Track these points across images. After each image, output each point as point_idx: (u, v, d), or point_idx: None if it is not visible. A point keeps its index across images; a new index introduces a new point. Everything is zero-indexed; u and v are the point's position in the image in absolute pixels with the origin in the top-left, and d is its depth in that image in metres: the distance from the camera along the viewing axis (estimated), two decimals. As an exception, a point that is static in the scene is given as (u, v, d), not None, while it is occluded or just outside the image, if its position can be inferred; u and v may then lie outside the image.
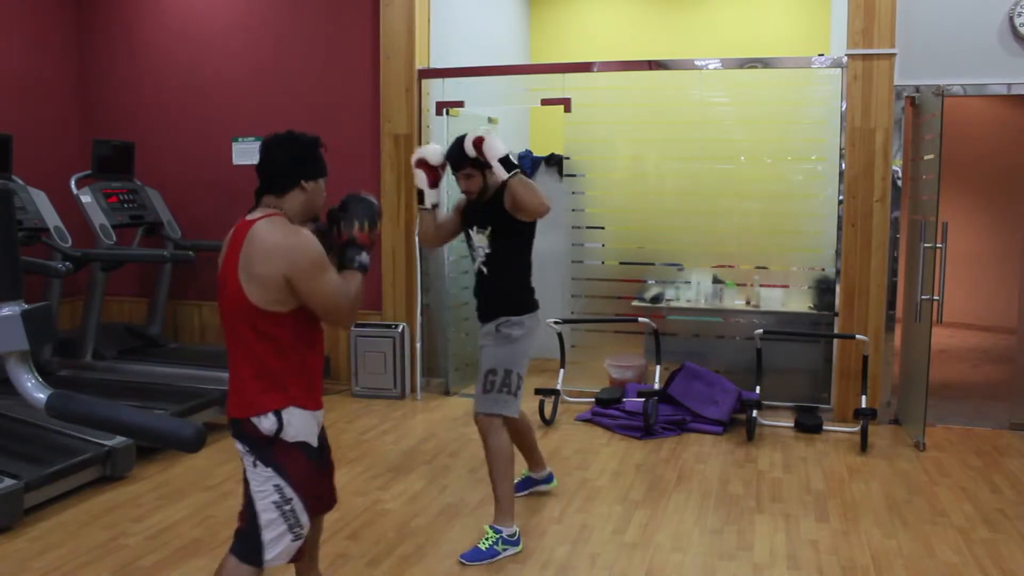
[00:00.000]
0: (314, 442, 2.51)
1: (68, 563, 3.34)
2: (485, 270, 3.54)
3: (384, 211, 5.95)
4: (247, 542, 2.46)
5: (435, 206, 3.58)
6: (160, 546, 3.50)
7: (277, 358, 2.42)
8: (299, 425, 2.45)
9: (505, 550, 3.41)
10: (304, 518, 2.48)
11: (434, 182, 3.52)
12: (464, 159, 3.42)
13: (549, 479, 4.10)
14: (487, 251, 3.52)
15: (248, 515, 2.46)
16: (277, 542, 2.45)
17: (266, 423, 2.41)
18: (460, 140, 3.42)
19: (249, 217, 2.46)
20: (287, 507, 2.44)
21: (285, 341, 2.43)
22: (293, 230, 2.41)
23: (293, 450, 2.45)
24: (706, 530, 3.70)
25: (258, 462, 2.44)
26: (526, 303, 3.57)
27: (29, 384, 1.90)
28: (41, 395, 1.89)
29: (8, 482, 3.63)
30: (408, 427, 5.23)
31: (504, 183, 3.36)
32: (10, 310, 1.86)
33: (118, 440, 4.18)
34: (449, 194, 5.28)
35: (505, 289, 3.54)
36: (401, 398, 5.86)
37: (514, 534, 3.46)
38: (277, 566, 2.50)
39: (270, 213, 2.45)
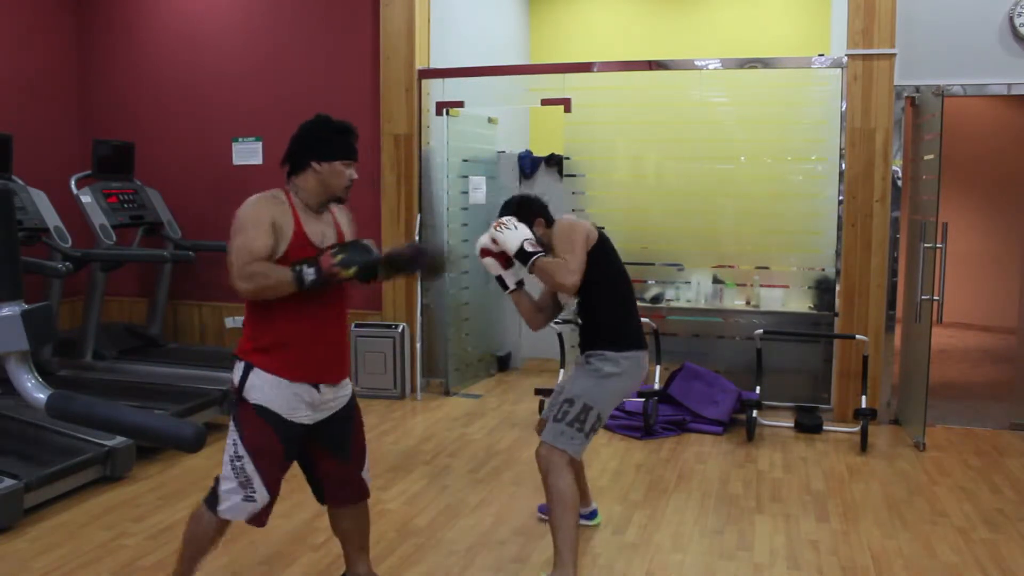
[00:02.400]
0: (283, 413, 2.56)
1: (68, 563, 3.34)
2: (580, 320, 3.33)
3: (384, 210, 5.96)
4: (213, 488, 2.67)
5: (520, 284, 3.31)
6: (160, 546, 3.50)
7: (260, 321, 2.58)
8: (263, 389, 2.54)
9: None
10: (257, 483, 2.57)
11: (506, 263, 3.27)
12: (509, 213, 3.31)
13: (592, 516, 3.73)
14: (573, 306, 3.36)
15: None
16: (229, 496, 2.60)
17: (237, 371, 2.58)
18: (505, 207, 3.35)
19: None
20: (238, 463, 2.58)
21: (267, 308, 2.55)
22: (250, 201, 2.56)
23: (253, 412, 2.55)
24: (706, 530, 3.70)
25: (233, 412, 2.61)
26: (623, 340, 3.23)
27: (29, 384, 1.90)
28: (41, 395, 1.89)
29: (8, 482, 3.62)
30: (408, 427, 5.23)
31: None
32: (10, 310, 1.86)
33: (118, 440, 4.18)
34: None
35: (597, 325, 3.26)
36: (401, 398, 5.86)
37: None
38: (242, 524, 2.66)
39: (273, 189, 2.63)
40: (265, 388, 2.55)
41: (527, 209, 3.33)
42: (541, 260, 3.14)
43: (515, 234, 3.18)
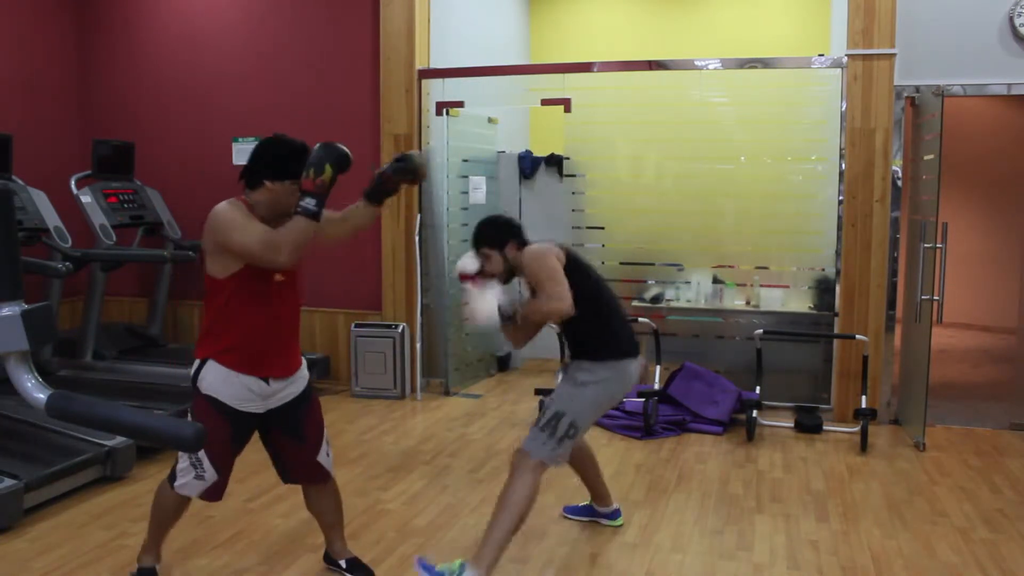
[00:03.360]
0: (231, 403, 2.81)
1: (68, 563, 3.34)
2: (563, 334, 3.39)
3: (384, 211, 5.96)
4: (172, 466, 2.94)
5: (508, 318, 3.24)
6: (160, 546, 3.50)
7: (216, 318, 2.81)
8: (213, 380, 2.80)
9: None
10: (206, 463, 2.84)
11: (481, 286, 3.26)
12: (479, 240, 3.28)
13: (614, 516, 3.73)
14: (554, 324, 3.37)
15: None
16: (184, 473, 2.89)
17: (194, 367, 2.85)
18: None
19: None
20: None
21: (222, 305, 2.79)
22: (222, 207, 2.75)
23: (203, 400, 2.82)
24: (706, 530, 3.70)
25: (191, 402, 2.89)
26: (603, 351, 3.24)
27: (29, 384, 1.89)
28: (41, 395, 1.89)
29: (8, 482, 3.62)
30: (408, 427, 5.23)
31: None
32: (10, 310, 1.85)
33: (118, 440, 4.18)
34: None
35: (579, 338, 3.30)
36: (401, 398, 5.86)
37: None
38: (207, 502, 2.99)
39: (232, 198, 2.82)
40: (216, 381, 2.80)
41: (498, 235, 3.28)
42: (526, 310, 3.19)
43: (485, 305, 3.18)
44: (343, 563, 3.24)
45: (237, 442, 2.90)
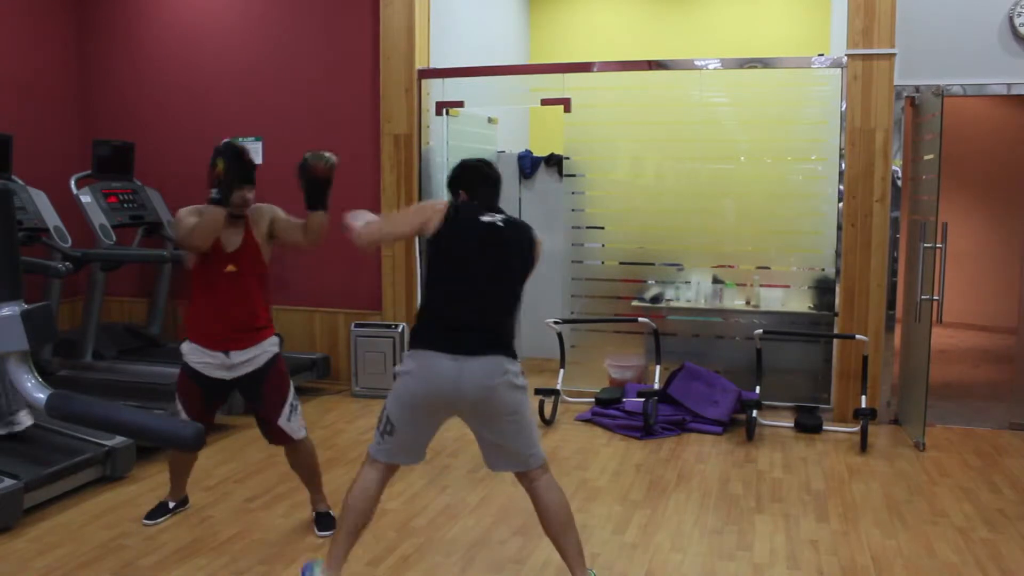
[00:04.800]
0: (200, 370, 3.46)
1: (68, 563, 3.34)
2: None
3: (384, 210, 5.95)
4: None
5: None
6: (160, 546, 3.50)
7: (189, 308, 3.55)
8: (187, 351, 3.49)
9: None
10: (184, 414, 3.51)
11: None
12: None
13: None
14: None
15: None
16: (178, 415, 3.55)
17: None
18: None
19: None
20: (175, 402, 3.58)
21: (191, 292, 3.50)
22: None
23: (183, 368, 3.51)
24: (706, 530, 3.70)
25: None
26: (416, 337, 2.92)
27: (29, 384, 1.89)
28: (41, 395, 1.89)
29: (8, 482, 3.62)
30: (408, 427, 5.22)
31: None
32: (10, 310, 1.86)
33: (118, 440, 4.18)
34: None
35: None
36: (401, 398, 5.85)
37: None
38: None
39: None
40: (189, 353, 3.48)
41: (451, 182, 3.11)
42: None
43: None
44: (313, 514, 3.70)
45: (208, 401, 3.56)
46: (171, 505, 3.80)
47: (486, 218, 2.93)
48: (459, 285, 2.89)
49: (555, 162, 6.66)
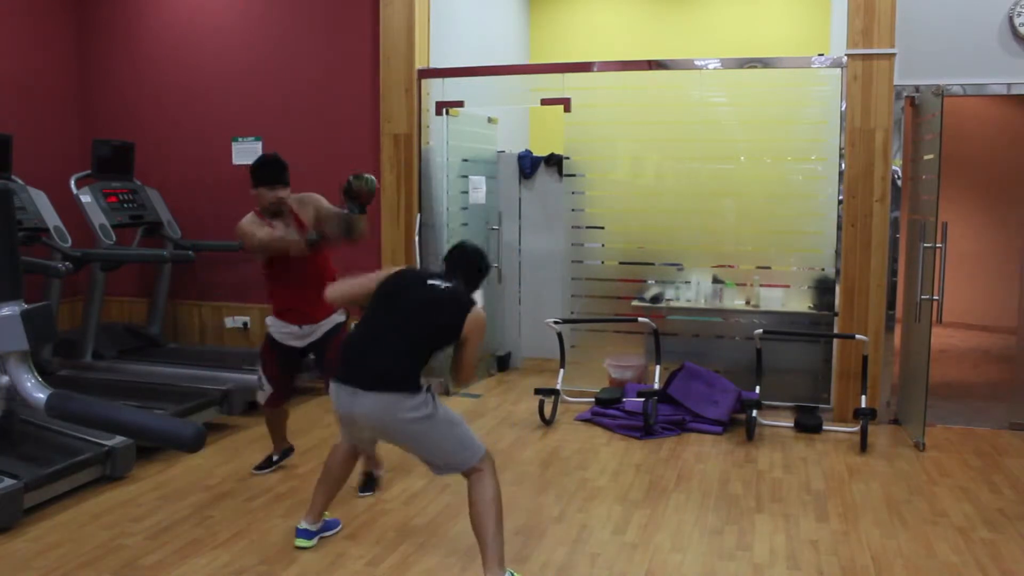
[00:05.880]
0: (278, 339, 4.09)
1: (68, 563, 3.34)
2: None
3: (384, 210, 5.96)
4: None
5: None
6: (160, 546, 3.50)
7: (269, 290, 4.12)
8: (270, 325, 4.11)
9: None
10: (264, 381, 4.14)
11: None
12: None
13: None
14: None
15: None
16: (260, 383, 4.19)
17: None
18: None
19: None
20: (258, 365, 4.21)
21: (269, 279, 4.09)
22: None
23: (266, 337, 4.16)
24: (706, 530, 3.70)
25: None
26: (337, 368, 3.27)
27: (29, 384, 1.90)
28: (41, 395, 1.89)
29: (8, 482, 3.62)
30: (408, 427, 5.22)
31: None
32: (10, 310, 1.86)
33: (118, 440, 4.18)
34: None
35: None
36: (401, 398, 5.85)
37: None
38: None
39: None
40: (271, 324, 4.11)
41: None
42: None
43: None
44: (362, 476, 4.10)
45: (284, 366, 4.14)
46: (275, 458, 4.38)
47: (432, 281, 3.21)
48: (372, 326, 3.16)
49: (555, 162, 6.65)
